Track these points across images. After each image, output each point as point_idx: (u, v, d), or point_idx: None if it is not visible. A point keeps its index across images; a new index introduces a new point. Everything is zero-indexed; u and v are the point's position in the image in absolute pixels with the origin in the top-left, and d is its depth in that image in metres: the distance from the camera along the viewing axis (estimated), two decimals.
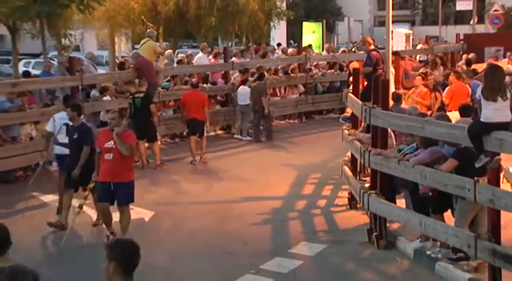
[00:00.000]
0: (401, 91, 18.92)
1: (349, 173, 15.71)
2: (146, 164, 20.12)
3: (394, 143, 14.53)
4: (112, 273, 5.99)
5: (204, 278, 11.71)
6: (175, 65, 26.71)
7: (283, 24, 45.29)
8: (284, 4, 42.64)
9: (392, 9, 15.99)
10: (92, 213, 14.86)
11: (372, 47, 19.04)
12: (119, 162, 13.09)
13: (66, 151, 15.27)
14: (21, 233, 12.55)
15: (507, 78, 13.38)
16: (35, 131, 19.18)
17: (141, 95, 20.32)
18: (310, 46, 33.14)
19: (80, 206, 13.88)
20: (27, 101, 20.11)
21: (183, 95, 22.44)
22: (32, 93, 20.83)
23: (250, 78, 25.07)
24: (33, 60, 42.37)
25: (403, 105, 16.54)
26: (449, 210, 12.01)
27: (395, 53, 23.05)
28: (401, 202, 13.33)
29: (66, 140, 15.26)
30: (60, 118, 15.75)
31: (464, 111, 13.51)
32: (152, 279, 11.64)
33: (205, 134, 21.78)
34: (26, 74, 24.25)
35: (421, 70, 23.23)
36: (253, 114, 24.71)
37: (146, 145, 20.32)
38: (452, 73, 21.33)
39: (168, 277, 11.93)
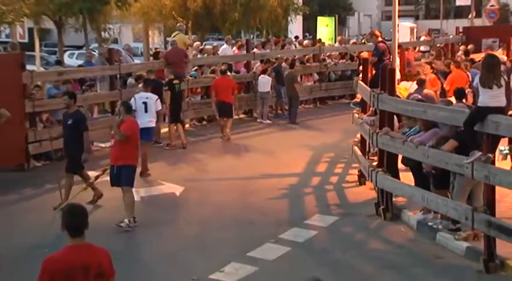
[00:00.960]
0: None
1: (359, 152, 15.68)
2: (175, 145, 20.13)
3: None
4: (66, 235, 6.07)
5: (229, 246, 11.73)
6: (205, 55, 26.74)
7: (299, 18, 45.19)
8: (300, 0, 42.64)
9: (398, 4, 15.91)
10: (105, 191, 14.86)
11: (379, 39, 19.07)
12: (118, 147, 12.98)
13: (146, 125, 16.80)
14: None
15: (502, 67, 13.30)
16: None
17: (178, 81, 20.54)
18: (320, 40, 32.98)
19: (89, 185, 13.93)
20: (72, 88, 20.20)
21: (214, 81, 22.66)
22: (76, 81, 20.94)
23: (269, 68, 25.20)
24: (76, 52, 42.63)
25: (426, 90, 16.52)
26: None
27: (399, 46, 23.02)
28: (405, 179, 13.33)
29: (144, 115, 16.94)
30: (140, 98, 17.43)
31: (458, 94, 13.49)
32: (184, 244, 11.79)
33: (233, 116, 22.18)
34: (58, 62, 25.37)
35: (424, 60, 23.19)
36: (288, 99, 25.11)
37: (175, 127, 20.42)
38: (452, 62, 21.30)
39: (197, 243, 11.95)
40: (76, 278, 5.91)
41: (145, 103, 17.35)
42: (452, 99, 13.92)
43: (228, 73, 23.94)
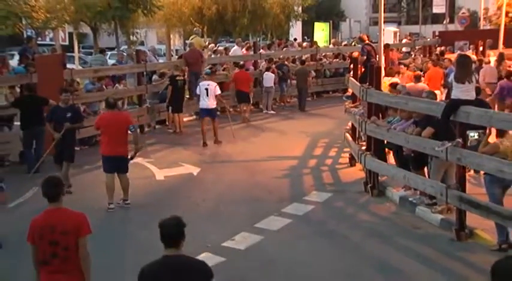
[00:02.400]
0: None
1: (350, 138, 15.68)
2: (179, 132, 20.21)
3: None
4: None
5: (239, 218, 11.74)
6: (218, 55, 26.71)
7: (299, 24, 45.31)
8: (300, 8, 42.43)
9: (384, 12, 15.84)
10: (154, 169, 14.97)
11: (366, 42, 19.04)
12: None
13: (209, 106, 18.38)
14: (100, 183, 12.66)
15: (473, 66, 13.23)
16: None
17: (181, 78, 20.55)
18: (316, 42, 32.85)
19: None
20: (105, 83, 20.23)
21: (234, 74, 23.49)
22: (109, 77, 20.94)
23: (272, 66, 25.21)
24: (109, 53, 42.41)
25: (420, 84, 16.56)
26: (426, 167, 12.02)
27: (386, 46, 22.99)
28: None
29: (206, 99, 18.39)
30: (203, 85, 18.78)
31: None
32: (200, 217, 11.75)
33: (250, 102, 23.55)
34: (101, 51, 26.04)
35: (407, 60, 23.24)
36: (298, 91, 25.42)
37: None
38: (429, 61, 21.26)
39: (212, 216, 11.98)
40: (45, 235, 6.21)
41: (206, 89, 18.57)
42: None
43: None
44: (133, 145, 12.68)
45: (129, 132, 12.57)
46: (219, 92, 19.05)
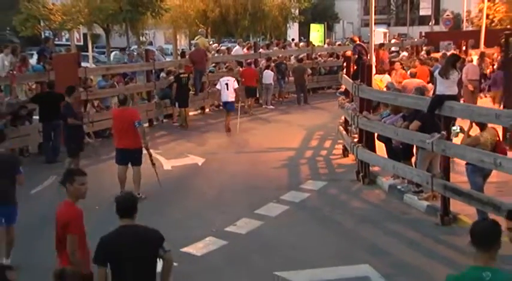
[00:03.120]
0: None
1: (343, 131, 15.68)
2: (185, 125, 20.13)
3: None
4: None
5: (240, 205, 11.74)
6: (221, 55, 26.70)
7: (296, 25, 45.30)
8: (297, 11, 42.46)
9: (374, 14, 15.80)
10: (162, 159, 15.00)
11: (357, 42, 19.13)
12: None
13: (229, 99, 19.13)
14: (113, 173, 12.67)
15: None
16: None
17: (186, 75, 20.53)
18: (311, 42, 32.79)
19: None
20: (117, 80, 20.21)
21: (242, 71, 23.81)
22: (120, 75, 20.93)
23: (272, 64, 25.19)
24: (119, 52, 42.45)
25: (416, 80, 16.55)
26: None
27: (381, 45, 23.07)
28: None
29: (226, 92, 19.11)
30: (223, 80, 19.47)
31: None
32: (205, 204, 11.87)
33: (256, 96, 24.14)
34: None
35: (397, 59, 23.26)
36: (296, 87, 25.58)
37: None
38: (417, 60, 21.24)
39: (216, 203, 12.01)
40: (56, 226, 6.38)
41: (227, 84, 19.20)
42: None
43: (239, 68, 24.17)
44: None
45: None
46: (236, 86, 19.72)
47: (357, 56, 17.92)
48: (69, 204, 6.38)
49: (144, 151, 12.35)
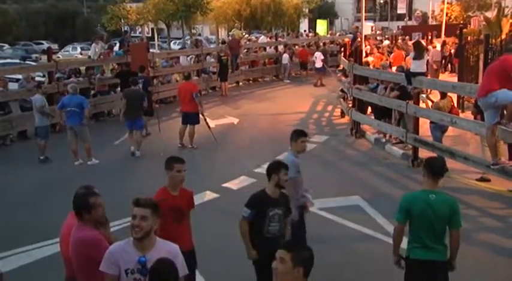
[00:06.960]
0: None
1: (341, 99, 15.45)
2: (225, 95, 19.69)
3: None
4: None
5: (265, 152, 11.59)
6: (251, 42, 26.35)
7: (306, 20, 45.05)
8: (307, 9, 42.42)
9: (364, 12, 15.43)
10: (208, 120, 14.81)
11: (357, 30, 18.83)
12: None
13: (318, 65, 20.94)
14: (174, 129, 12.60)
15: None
16: (178, 77, 19.13)
17: (226, 57, 20.26)
18: (318, 33, 32.23)
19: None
20: (175, 62, 20.04)
21: (299, 51, 24.90)
22: (177, 58, 20.73)
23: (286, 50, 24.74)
24: (178, 41, 42.30)
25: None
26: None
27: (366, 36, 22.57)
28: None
29: (316, 62, 21.28)
30: (317, 54, 21.65)
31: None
32: (239, 151, 11.80)
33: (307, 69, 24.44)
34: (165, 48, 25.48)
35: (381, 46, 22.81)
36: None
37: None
38: (395, 46, 20.83)
39: (247, 151, 11.96)
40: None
41: (316, 57, 21.38)
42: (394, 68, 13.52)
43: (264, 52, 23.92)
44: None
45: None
46: (323, 57, 21.82)
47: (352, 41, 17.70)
48: (163, 190, 4.83)
49: (201, 115, 12.23)
